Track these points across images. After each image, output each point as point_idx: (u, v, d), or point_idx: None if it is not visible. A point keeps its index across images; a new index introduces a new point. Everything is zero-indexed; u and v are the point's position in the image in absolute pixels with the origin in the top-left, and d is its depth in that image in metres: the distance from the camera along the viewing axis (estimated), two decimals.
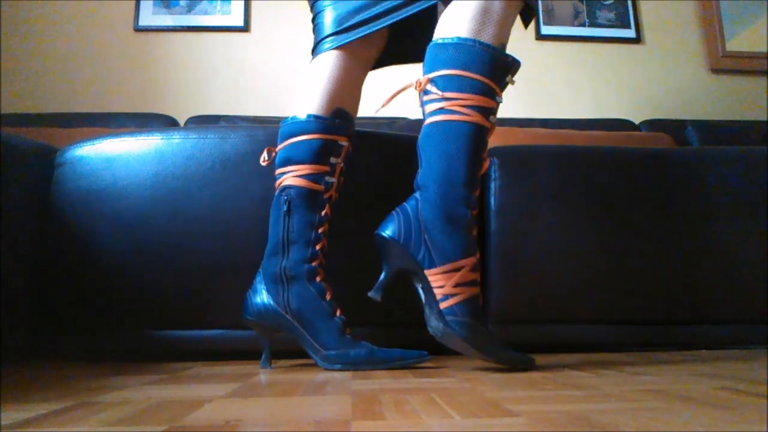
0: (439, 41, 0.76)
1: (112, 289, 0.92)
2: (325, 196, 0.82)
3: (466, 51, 0.74)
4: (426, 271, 0.70)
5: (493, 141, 1.72)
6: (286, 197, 0.81)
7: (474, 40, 0.74)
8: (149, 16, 2.15)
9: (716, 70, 2.32)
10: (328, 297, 0.79)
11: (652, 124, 2.04)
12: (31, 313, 0.92)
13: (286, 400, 0.50)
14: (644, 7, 2.36)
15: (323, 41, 0.90)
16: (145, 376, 0.70)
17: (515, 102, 2.22)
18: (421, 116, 2.17)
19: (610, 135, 1.81)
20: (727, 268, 1.02)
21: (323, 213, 0.82)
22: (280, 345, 0.94)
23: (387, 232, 0.73)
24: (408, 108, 2.16)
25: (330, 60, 0.88)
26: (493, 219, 0.99)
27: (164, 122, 1.87)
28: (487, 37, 0.75)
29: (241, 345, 0.93)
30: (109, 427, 0.39)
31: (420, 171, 0.75)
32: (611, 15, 2.32)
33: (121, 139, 0.96)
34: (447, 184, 0.72)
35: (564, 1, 2.31)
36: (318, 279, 0.80)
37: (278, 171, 0.84)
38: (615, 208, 1.02)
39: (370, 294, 0.73)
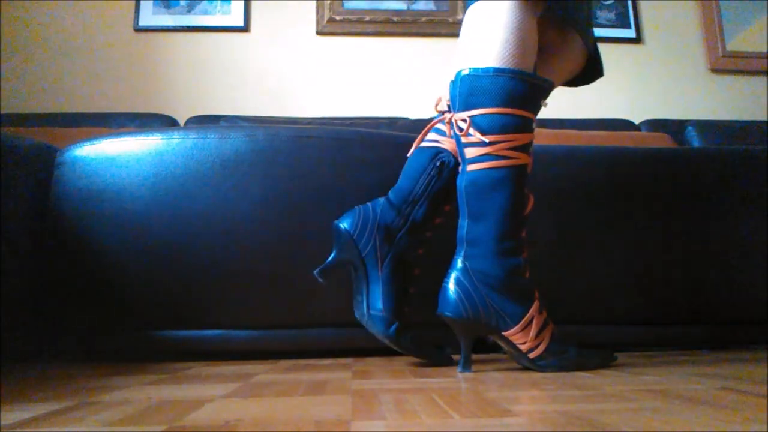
0: (471, 72, 0.69)
1: (112, 289, 0.92)
2: None
3: (504, 84, 0.68)
4: (504, 334, 0.70)
5: None
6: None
7: (512, 70, 0.68)
8: (149, 16, 2.15)
9: (716, 70, 2.32)
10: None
11: (652, 124, 2.04)
12: (31, 313, 0.92)
13: (286, 400, 0.50)
14: (644, 7, 2.36)
15: None
16: (145, 376, 0.70)
17: None
18: (420, 116, 2.17)
19: (610, 135, 1.81)
20: (727, 268, 1.02)
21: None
22: (280, 345, 0.94)
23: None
24: (408, 108, 2.16)
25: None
26: None
27: (164, 122, 1.87)
28: (522, 63, 0.69)
29: (241, 345, 0.93)
30: (109, 427, 0.39)
31: (465, 224, 0.72)
32: (611, 15, 2.32)
33: (121, 139, 0.96)
34: (499, 240, 0.69)
35: None
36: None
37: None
38: (614, 208, 1.02)
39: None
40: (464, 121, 0.69)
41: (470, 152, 0.70)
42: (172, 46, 2.15)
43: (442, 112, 0.81)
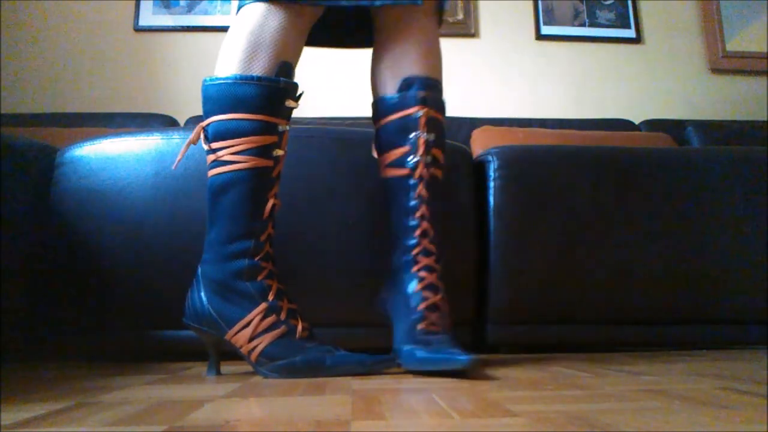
0: (204, 82, 0.71)
1: (113, 289, 0.92)
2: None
3: (227, 91, 0.68)
4: (226, 338, 0.70)
5: (493, 141, 1.72)
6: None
7: (236, 77, 0.68)
8: (149, 16, 2.15)
9: (716, 70, 2.32)
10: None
11: (652, 124, 2.04)
12: (31, 313, 0.92)
13: (286, 400, 0.50)
14: (644, 7, 2.36)
15: None
16: (145, 376, 0.70)
17: (515, 102, 2.22)
18: None
19: (610, 135, 1.81)
20: (727, 268, 1.02)
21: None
22: None
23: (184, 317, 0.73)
24: None
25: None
26: (492, 219, 0.99)
27: (164, 122, 1.87)
28: (252, 68, 0.69)
29: None
30: (109, 427, 0.39)
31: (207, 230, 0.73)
32: (611, 15, 2.32)
33: (121, 139, 0.96)
34: (225, 243, 0.69)
35: (564, 1, 2.31)
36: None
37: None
38: (614, 208, 1.02)
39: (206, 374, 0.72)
40: (198, 134, 0.70)
41: (208, 160, 0.71)
42: (172, 46, 2.15)
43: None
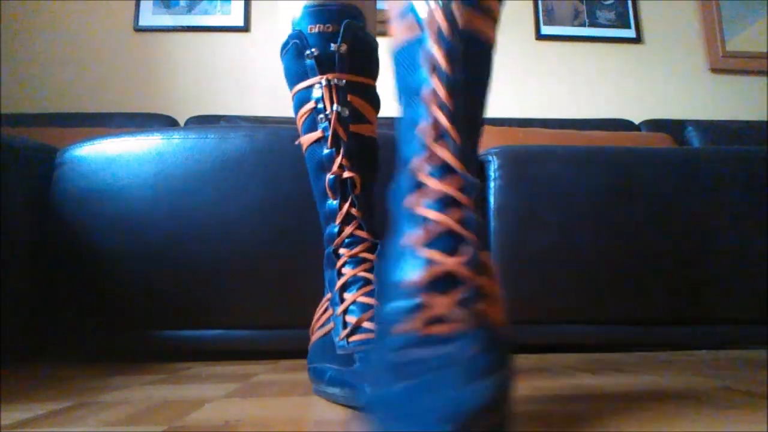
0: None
1: (113, 288, 0.92)
2: None
3: None
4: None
5: (493, 141, 1.72)
6: None
7: None
8: (149, 16, 2.15)
9: (716, 70, 2.32)
10: None
11: (652, 124, 2.04)
12: (31, 313, 0.92)
13: (286, 400, 0.50)
14: (644, 7, 2.36)
15: None
16: (145, 376, 0.70)
17: (515, 102, 2.22)
18: None
19: (610, 135, 1.81)
20: (727, 268, 1.02)
21: None
22: (280, 345, 0.94)
23: None
24: None
25: None
26: (493, 219, 0.99)
27: (164, 122, 1.87)
28: None
29: (241, 345, 0.93)
30: (109, 427, 0.39)
31: None
32: (611, 15, 2.32)
33: (121, 139, 0.96)
34: (323, 229, 0.68)
35: (564, 1, 2.31)
36: None
37: None
38: (615, 208, 1.02)
39: None
40: None
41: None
42: (172, 46, 2.15)
43: None
